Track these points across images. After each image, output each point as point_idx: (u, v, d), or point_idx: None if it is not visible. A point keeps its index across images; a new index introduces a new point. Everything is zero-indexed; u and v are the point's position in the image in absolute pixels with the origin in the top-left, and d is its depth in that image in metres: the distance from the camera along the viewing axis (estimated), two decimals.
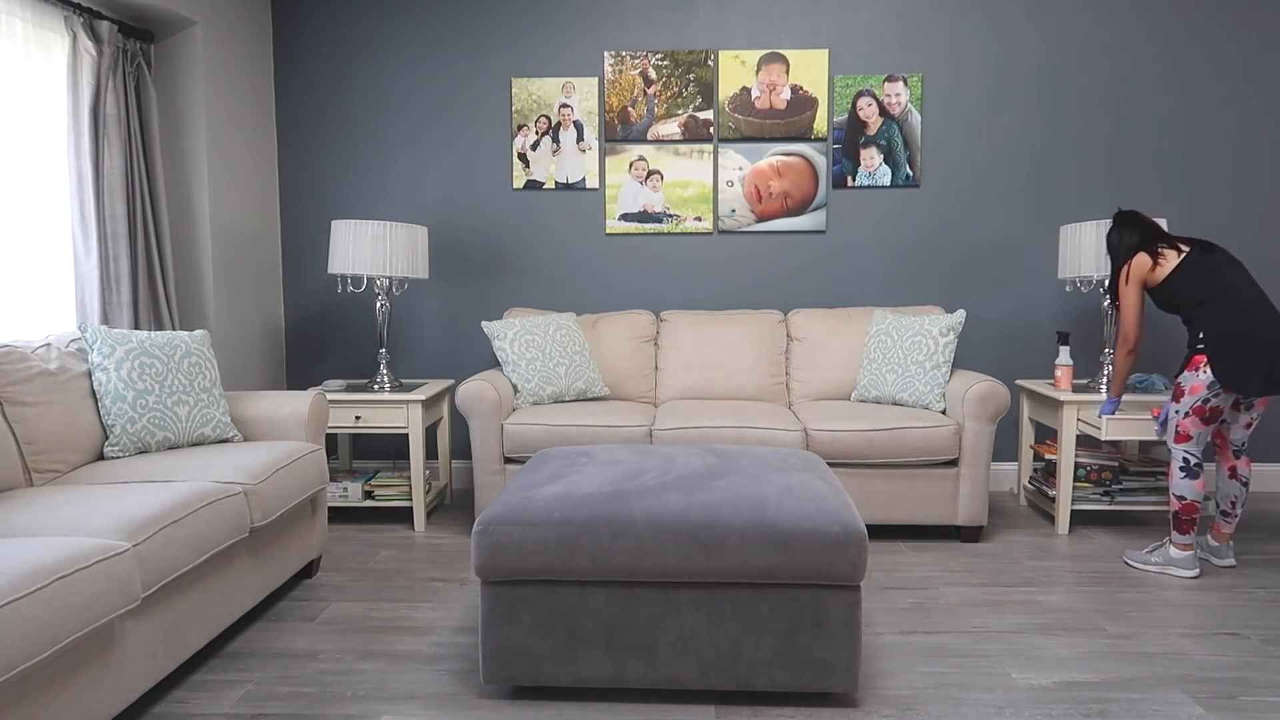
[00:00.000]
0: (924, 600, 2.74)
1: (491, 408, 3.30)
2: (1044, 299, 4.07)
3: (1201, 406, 2.83)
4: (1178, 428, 2.90)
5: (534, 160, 4.09)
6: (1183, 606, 2.68)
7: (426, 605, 2.71)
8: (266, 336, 4.09)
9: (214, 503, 2.19)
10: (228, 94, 3.75)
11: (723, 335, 3.81)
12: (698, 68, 4.02)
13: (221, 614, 2.29)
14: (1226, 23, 3.92)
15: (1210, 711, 2.04)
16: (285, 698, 2.12)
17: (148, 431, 2.60)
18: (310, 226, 4.19)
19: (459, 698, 2.12)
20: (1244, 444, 2.96)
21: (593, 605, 2.04)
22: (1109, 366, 3.54)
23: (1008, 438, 4.14)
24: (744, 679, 2.04)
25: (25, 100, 2.94)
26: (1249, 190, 3.97)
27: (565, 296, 4.17)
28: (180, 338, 2.79)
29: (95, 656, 1.78)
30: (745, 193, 4.07)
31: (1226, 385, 2.76)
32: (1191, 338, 2.88)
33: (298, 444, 2.74)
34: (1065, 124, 3.99)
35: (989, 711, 2.04)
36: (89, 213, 3.06)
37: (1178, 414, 2.89)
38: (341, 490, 3.60)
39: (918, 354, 3.47)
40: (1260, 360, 2.72)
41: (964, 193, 4.05)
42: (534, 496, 2.11)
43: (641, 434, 3.29)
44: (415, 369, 4.23)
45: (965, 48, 3.99)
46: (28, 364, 2.42)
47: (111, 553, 1.77)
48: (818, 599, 2.01)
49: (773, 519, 2.01)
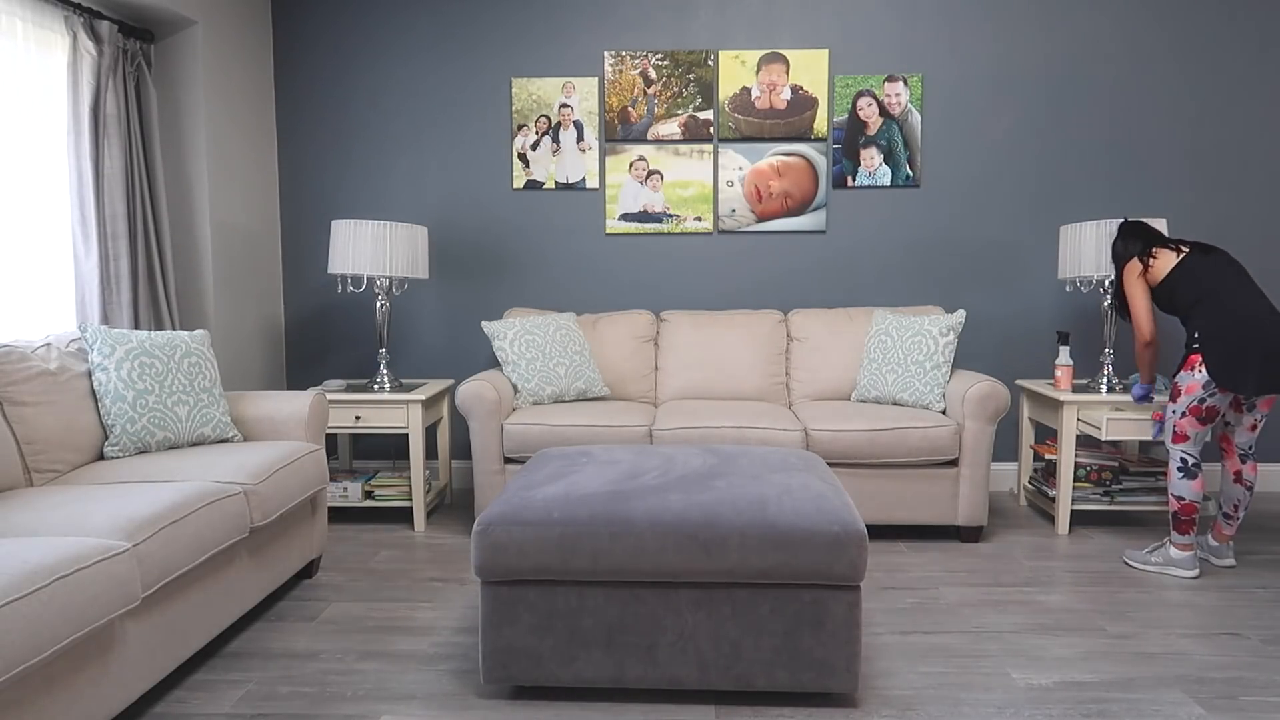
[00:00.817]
0: (924, 600, 2.74)
1: (491, 408, 3.30)
2: (1044, 299, 4.07)
3: (1197, 406, 2.83)
4: (1175, 428, 2.90)
5: (534, 160, 4.09)
6: (1183, 606, 2.68)
7: (426, 605, 2.71)
8: (266, 336, 4.09)
9: (214, 503, 2.19)
10: (228, 94, 3.75)
11: (723, 335, 3.81)
12: (698, 68, 4.02)
13: (221, 614, 2.29)
14: (1227, 23, 3.92)
15: (1210, 711, 2.04)
16: (285, 698, 2.12)
17: (148, 431, 2.60)
18: (310, 226, 4.19)
19: (459, 698, 2.12)
20: (1250, 447, 2.94)
21: (592, 605, 2.04)
22: (1109, 366, 3.54)
23: (1008, 438, 4.14)
24: (744, 679, 2.04)
25: (25, 100, 2.94)
26: (1250, 190, 3.97)
27: (565, 296, 4.17)
28: (180, 338, 2.79)
29: (95, 656, 1.78)
30: (745, 193, 4.07)
31: (1221, 384, 2.76)
32: (1188, 337, 2.89)
33: (298, 444, 2.74)
34: (1066, 124, 3.99)
35: (989, 711, 2.04)
36: (89, 213, 3.06)
37: (1174, 414, 2.89)
38: (341, 490, 3.60)
39: (918, 354, 3.47)
40: (1255, 358, 2.71)
41: (964, 193, 4.05)
42: (534, 496, 2.11)
43: (641, 434, 3.29)
44: (415, 369, 4.23)
45: (965, 48, 3.99)
46: (28, 364, 2.42)
47: (111, 553, 1.77)
48: (818, 599, 2.01)
49: (773, 519, 2.01)
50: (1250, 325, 2.73)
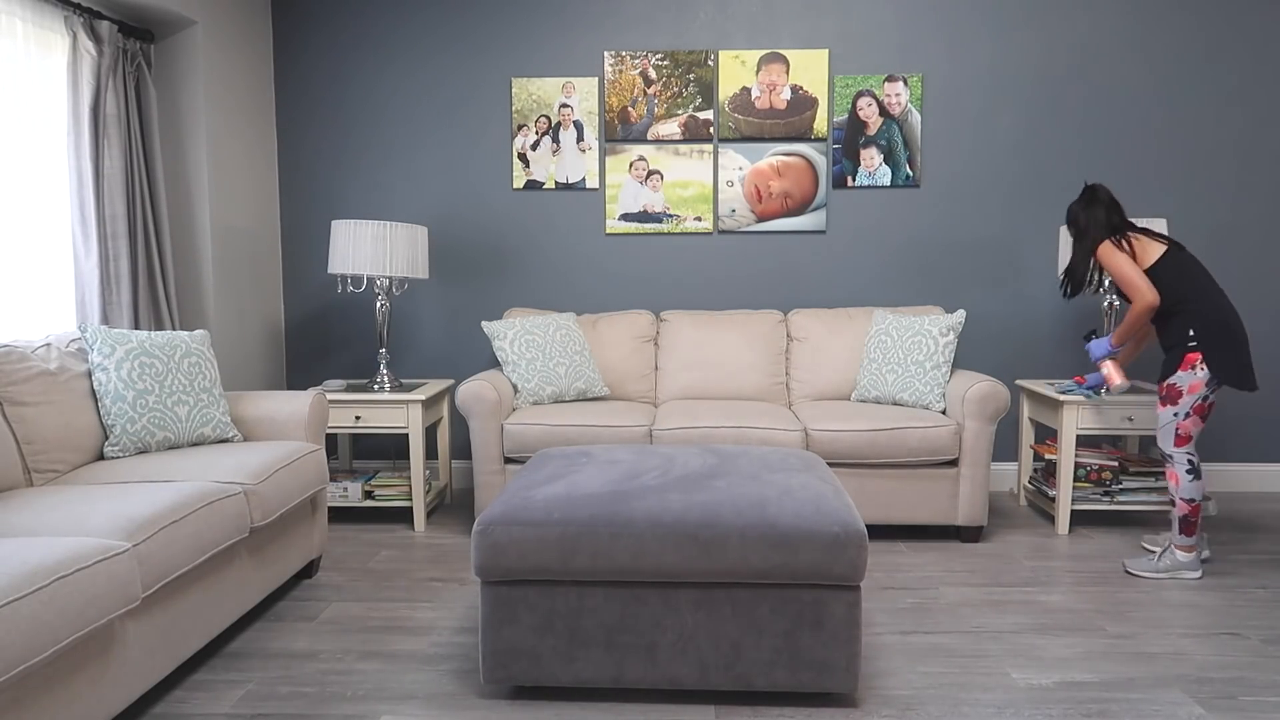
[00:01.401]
0: (924, 600, 2.74)
1: (491, 408, 3.30)
2: (1044, 299, 4.07)
3: (1202, 404, 2.83)
4: (1178, 430, 2.87)
5: (534, 160, 4.09)
6: (1183, 606, 2.68)
7: (426, 605, 2.71)
8: (266, 336, 4.09)
9: (214, 503, 2.19)
10: (228, 94, 3.75)
11: (723, 335, 3.81)
12: (698, 68, 4.02)
13: (221, 614, 2.29)
14: (1226, 23, 3.91)
15: (1210, 711, 2.04)
16: (285, 698, 2.12)
17: (148, 431, 2.60)
18: (310, 226, 4.19)
19: (459, 698, 2.12)
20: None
21: (592, 605, 2.04)
22: None
23: (1008, 438, 4.14)
24: (744, 679, 2.04)
25: (25, 100, 2.94)
26: (1250, 190, 3.97)
27: (565, 296, 4.17)
28: (180, 338, 2.79)
29: (95, 656, 1.78)
30: (745, 193, 4.07)
31: (1227, 380, 2.79)
32: (1178, 335, 2.85)
33: (298, 444, 2.74)
34: (1065, 124, 3.99)
35: (989, 711, 2.04)
36: (89, 213, 3.06)
37: (1176, 416, 2.87)
38: (341, 490, 3.60)
39: (918, 354, 3.47)
40: (1247, 354, 2.81)
41: (964, 193, 4.05)
42: (534, 496, 2.11)
43: (641, 434, 3.29)
44: (415, 369, 4.23)
45: (965, 48, 3.99)
46: (28, 364, 2.42)
47: (111, 553, 1.77)
48: (818, 599, 2.01)
49: (773, 519, 2.01)
50: (1237, 322, 2.82)
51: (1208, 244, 3.98)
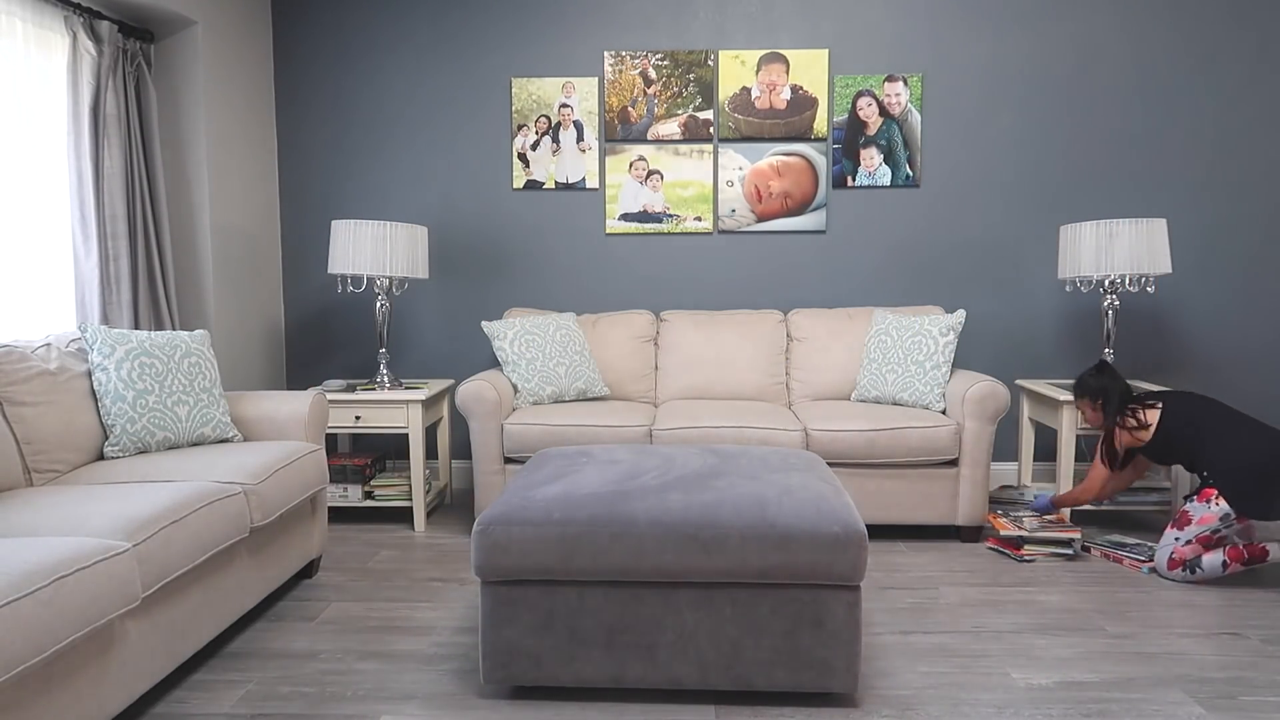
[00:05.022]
0: (924, 600, 2.74)
1: (491, 408, 3.30)
2: (1044, 299, 4.07)
3: (1208, 536, 2.81)
4: (1173, 554, 2.85)
5: (534, 160, 4.09)
6: (1183, 606, 2.68)
7: (426, 605, 2.71)
8: (266, 336, 4.09)
9: (214, 503, 2.19)
10: (228, 94, 3.75)
11: (723, 335, 3.81)
12: (698, 68, 4.02)
13: (221, 614, 2.29)
14: (1226, 23, 3.91)
15: (1210, 711, 2.04)
16: (285, 698, 2.12)
17: (148, 431, 2.60)
18: (310, 226, 4.19)
19: (459, 698, 2.12)
20: None
21: (592, 605, 2.04)
22: None
23: (1008, 438, 4.14)
24: (744, 679, 2.04)
25: (25, 100, 2.94)
26: (1250, 190, 3.97)
27: (565, 296, 4.17)
28: (180, 338, 2.79)
29: (95, 656, 1.78)
30: (745, 193, 4.07)
31: (1244, 514, 2.75)
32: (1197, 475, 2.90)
33: (298, 444, 2.74)
34: (1065, 124, 3.99)
35: (989, 711, 2.04)
36: (89, 213, 3.06)
37: (1177, 541, 2.85)
38: (341, 490, 3.60)
39: (918, 354, 3.47)
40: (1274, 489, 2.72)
41: (964, 193, 4.05)
42: (534, 496, 2.11)
43: (641, 434, 3.29)
44: (415, 369, 4.23)
45: (965, 48, 3.99)
46: (28, 364, 2.42)
47: (111, 553, 1.77)
48: (818, 599, 2.01)
49: (773, 519, 2.01)
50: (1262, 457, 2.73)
51: (1205, 244, 3.98)
